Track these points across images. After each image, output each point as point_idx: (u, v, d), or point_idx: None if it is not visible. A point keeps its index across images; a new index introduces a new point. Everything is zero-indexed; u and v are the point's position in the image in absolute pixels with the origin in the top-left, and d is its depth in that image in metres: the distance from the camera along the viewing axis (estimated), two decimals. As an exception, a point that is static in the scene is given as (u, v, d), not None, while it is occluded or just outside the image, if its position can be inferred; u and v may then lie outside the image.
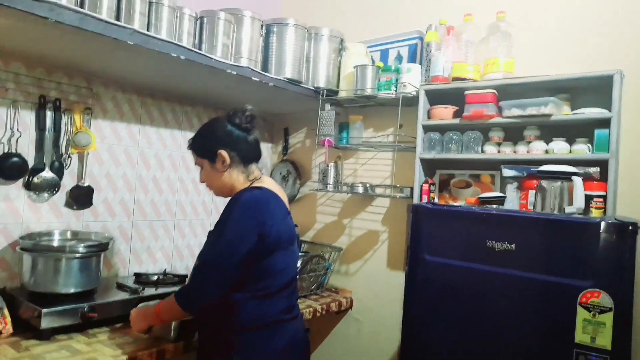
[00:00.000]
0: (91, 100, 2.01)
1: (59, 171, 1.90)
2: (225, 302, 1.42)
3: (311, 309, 2.17)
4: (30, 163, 1.83)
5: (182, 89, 2.24)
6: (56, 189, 1.88)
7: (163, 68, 1.85)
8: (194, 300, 1.43)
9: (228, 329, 1.43)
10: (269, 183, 1.55)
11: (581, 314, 1.36)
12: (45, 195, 1.87)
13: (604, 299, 1.34)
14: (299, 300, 2.24)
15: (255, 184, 1.52)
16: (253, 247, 1.39)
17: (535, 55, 2.07)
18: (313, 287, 2.40)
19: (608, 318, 1.33)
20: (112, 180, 2.11)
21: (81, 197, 1.98)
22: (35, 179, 1.83)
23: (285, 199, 1.58)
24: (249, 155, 1.55)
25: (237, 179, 1.53)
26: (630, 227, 1.34)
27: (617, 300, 1.32)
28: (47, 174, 1.86)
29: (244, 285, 1.42)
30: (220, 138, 1.52)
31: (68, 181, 1.95)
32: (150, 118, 2.26)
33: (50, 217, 1.91)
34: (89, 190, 2.00)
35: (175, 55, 1.67)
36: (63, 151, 1.92)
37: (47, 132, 1.86)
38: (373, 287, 2.46)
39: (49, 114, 1.86)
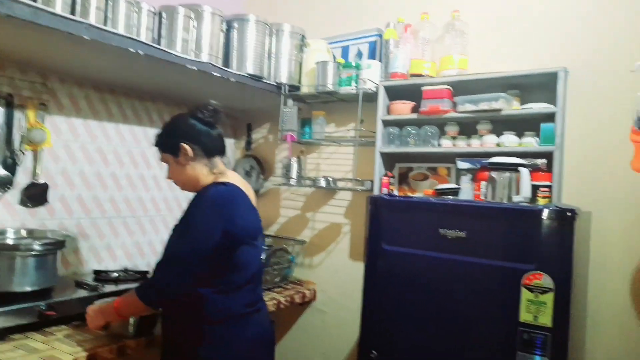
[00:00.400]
0: (46, 96, 1.97)
1: (12, 168, 1.85)
2: (191, 297, 1.43)
3: (275, 301, 2.20)
4: (-19, 160, 1.78)
5: (142, 84, 2.21)
6: (9, 186, 1.84)
7: (121, 63, 1.83)
8: (157, 294, 1.43)
9: (194, 322, 1.44)
10: (234, 178, 1.56)
11: (525, 294, 1.45)
12: (-2, 192, 1.82)
13: (545, 280, 1.43)
14: (263, 293, 2.27)
15: (221, 179, 1.52)
16: (218, 243, 1.40)
17: (488, 52, 2.16)
18: (277, 279, 2.43)
19: (549, 298, 1.42)
20: (68, 177, 2.07)
21: (36, 195, 1.94)
22: (-13, 176, 1.78)
23: (251, 193, 1.60)
24: (212, 149, 1.56)
25: (201, 172, 1.54)
26: (569, 213, 1.43)
27: (557, 281, 1.42)
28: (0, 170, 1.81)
29: (209, 280, 1.43)
30: (183, 131, 1.53)
31: (22, 178, 1.91)
32: (109, 114, 2.23)
33: (3, 215, 1.86)
34: (44, 188, 1.96)
35: (133, 50, 1.66)
36: (16, 147, 1.87)
37: (-1, 128, 1.81)
38: (336, 279, 2.51)
39: (1, 110, 1.81)
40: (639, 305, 1.77)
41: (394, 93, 2.28)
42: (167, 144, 1.55)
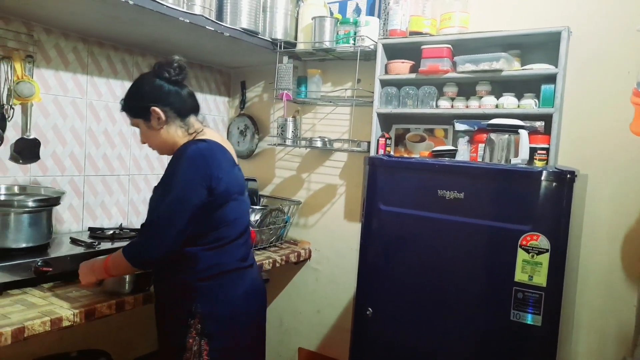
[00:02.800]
0: (32, 48, 1.89)
1: (1, 123, 1.80)
2: (182, 256, 1.43)
3: (270, 260, 2.22)
4: (-32, 114, 1.72)
5: (132, 37, 2.13)
6: (-1, 142, 1.79)
7: (110, 14, 1.75)
8: (143, 256, 1.41)
9: (186, 280, 1.44)
10: (212, 135, 1.52)
11: (521, 255, 1.48)
12: (-13, 148, 1.77)
13: (542, 241, 1.45)
14: (259, 252, 2.30)
15: (198, 137, 1.48)
16: (203, 201, 1.38)
17: (490, 11, 2.10)
18: (272, 239, 2.45)
19: (545, 259, 1.45)
20: (59, 134, 2.02)
21: (27, 151, 1.89)
22: (-25, 131, 1.73)
23: (231, 150, 1.56)
24: (184, 108, 1.50)
25: (176, 134, 1.49)
26: (568, 175, 1.44)
27: (554, 242, 1.44)
28: (-12, 126, 1.76)
29: (198, 238, 1.43)
30: (150, 94, 1.46)
31: (12, 134, 1.86)
32: (99, 68, 2.15)
33: (-6, 171, 1.82)
34: (35, 143, 1.91)
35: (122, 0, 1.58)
36: (4, 102, 1.81)
37: (-16, 81, 1.74)
38: (331, 238, 2.54)
39: (-14, 62, 1.74)
40: (630, 265, 1.82)
41: (393, 51, 2.23)
42: (136, 109, 1.48)
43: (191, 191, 1.36)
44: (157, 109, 1.45)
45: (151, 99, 1.45)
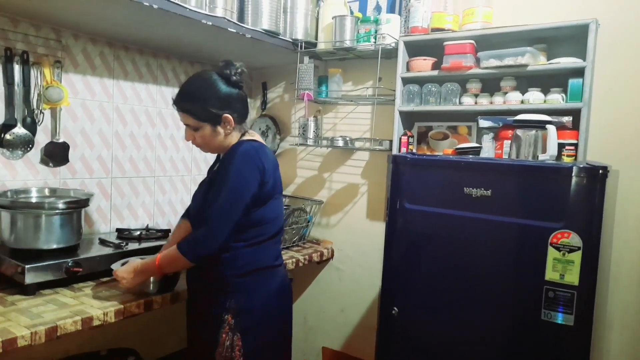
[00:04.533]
0: (61, 53, 1.93)
1: (32, 127, 1.84)
2: (225, 251, 1.45)
3: (294, 260, 2.22)
4: (1, 119, 1.77)
5: (156, 41, 2.16)
6: (30, 146, 1.84)
7: (135, 18, 1.78)
8: (203, 250, 1.41)
9: (224, 275, 1.46)
10: (257, 137, 1.59)
11: (552, 253, 1.44)
12: (19, 152, 1.82)
13: (573, 239, 1.42)
14: (282, 252, 2.31)
15: (247, 137, 1.55)
16: (255, 194, 1.43)
17: (514, 4, 2.07)
18: (295, 239, 2.46)
19: (577, 257, 1.41)
20: (87, 137, 2.06)
21: (56, 154, 1.94)
22: (8, 136, 1.78)
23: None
24: (244, 113, 1.56)
25: (233, 135, 1.54)
26: (600, 171, 1.40)
27: (586, 239, 1.41)
28: (20, 130, 1.80)
29: (239, 233, 1.45)
30: (223, 100, 1.47)
31: (42, 137, 1.90)
32: (124, 72, 2.19)
33: (25, 174, 1.87)
34: (64, 147, 1.96)
35: (147, 4, 1.61)
36: (35, 107, 1.86)
37: (16, 87, 1.79)
38: (353, 238, 2.53)
39: (16, 68, 1.78)
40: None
41: (414, 49, 2.21)
42: (206, 113, 1.46)
43: (245, 184, 1.41)
44: (229, 116, 1.48)
45: (224, 106, 1.47)
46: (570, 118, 1.85)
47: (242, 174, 1.42)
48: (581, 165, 1.43)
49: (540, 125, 1.73)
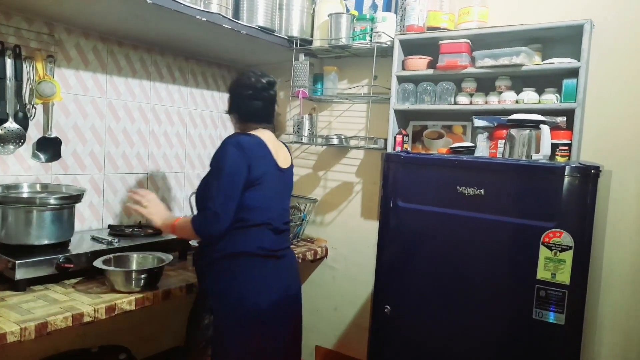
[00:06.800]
0: (53, 48, 1.91)
1: (24, 122, 1.83)
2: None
3: (287, 258, 2.21)
4: (-8, 113, 1.75)
5: (150, 36, 2.15)
6: (22, 141, 1.82)
7: (129, 13, 1.77)
8: (214, 229, 1.50)
9: (209, 257, 1.58)
10: (263, 133, 1.66)
11: (543, 252, 1.45)
12: (11, 147, 1.80)
13: (565, 238, 1.42)
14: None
15: (251, 132, 1.64)
16: (245, 177, 1.52)
17: (509, 4, 2.07)
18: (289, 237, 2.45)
19: (568, 256, 1.42)
20: (80, 132, 2.05)
21: (48, 149, 1.92)
22: (-1, 130, 1.76)
23: (283, 155, 1.70)
24: (248, 115, 1.66)
25: (236, 126, 1.72)
26: (592, 171, 1.40)
27: (577, 239, 1.41)
28: (11, 125, 1.79)
29: None
30: (232, 86, 1.70)
31: (34, 133, 1.89)
32: (118, 67, 2.18)
33: (17, 169, 1.85)
34: (57, 142, 1.94)
35: (141, -2, 1.60)
36: (27, 101, 1.84)
37: (8, 81, 1.77)
38: (347, 236, 2.53)
39: (8, 62, 1.77)
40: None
41: (410, 47, 2.20)
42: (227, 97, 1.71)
43: (237, 166, 1.52)
44: (228, 99, 1.71)
45: (230, 90, 1.70)
46: (564, 118, 1.86)
47: (233, 158, 1.52)
48: (573, 165, 1.43)
49: (534, 125, 1.74)
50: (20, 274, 1.52)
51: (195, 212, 1.71)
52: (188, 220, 1.57)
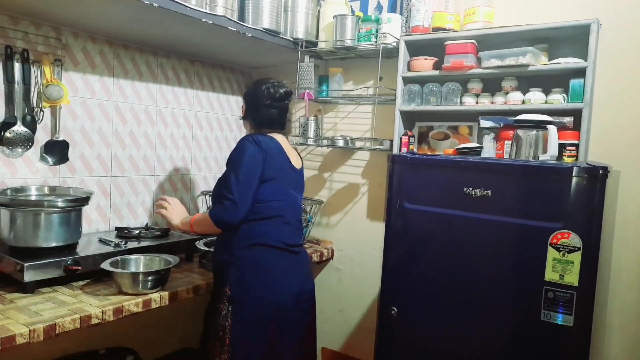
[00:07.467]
0: (61, 52, 1.93)
1: (32, 125, 1.84)
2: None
3: (293, 260, 2.21)
4: (1, 117, 1.77)
5: (156, 39, 2.16)
6: (30, 144, 1.84)
7: (135, 17, 1.78)
8: (231, 217, 1.57)
9: (229, 248, 1.63)
10: (275, 135, 1.73)
11: (551, 254, 1.44)
12: (19, 150, 1.82)
13: (573, 239, 1.41)
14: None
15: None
16: (262, 170, 1.60)
17: (515, 4, 2.06)
18: (295, 239, 2.45)
19: (576, 257, 1.41)
20: (87, 135, 2.06)
21: (56, 152, 1.94)
22: (8, 134, 1.78)
23: (294, 157, 1.78)
24: (261, 121, 1.74)
25: (247, 129, 1.81)
26: (601, 171, 1.39)
27: (586, 240, 1.40)
28: (20, 128, 1.80)
29: None
30: (248, 92, 1.78)
31: (42, 136, 1.90)
32: (124, 70, 2.19)
33: (25, 172, 1.87)
34: (64, 145, 1.96)
35: (147, 2, 1.60)
36: (34, 105, 1.85)
37: (16, 85, 1.79)
38: (353, 238, 2.52)
39: (16, 66, 1.78)
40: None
41: (416, 48, 2.20)
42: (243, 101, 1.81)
43: (254, 159, 1.59)
44: (243, 104, 1.80)
45: (246, 96, 1.78)
46: (572, 118, 1.85)
47: (250, 153, 1.60)
48: (581, 166, 1.42)
49: (541, 125, 1.73)
50: (28, 276, 1.53)
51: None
52: (206, 214, 1.65)
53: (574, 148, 1.79)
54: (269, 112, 1.72)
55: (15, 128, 1.79)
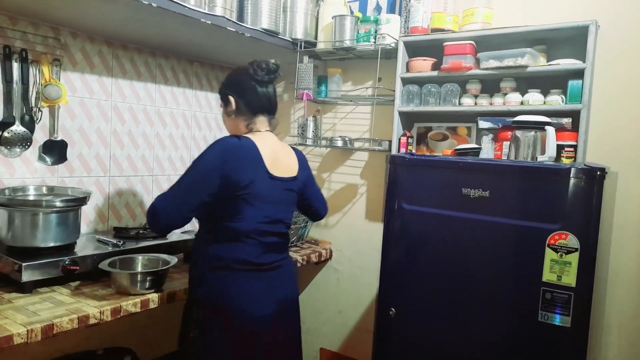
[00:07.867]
0: (59, 51, 1.93)
1: (30, 125, 1.84)
2: (199, 241, 1.55)
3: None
4: (-1, 117, 1.77)
5: (155, 40, 2.16)
6: (28, 144, 1.83)
7: (134, 17, 1.78)
8: (153, 223, 1.47)
9: (199, 266, 1.53)
10: (263, 137, 1.53)
11: (549, 254, 1.44)
12: (17, 150, 1.82)
13: (571, 240, 1.41)
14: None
15: (248, 135, 1.52)
16: (216, 188, 1.42)
17: (514, 6, 2.06)
18: (293, 239, 2.45)
19: (574, 258, 1.41)
20: (85, 135, 2.06)
21: (54, 152, 1.94)
22: (6, 133, 1.78)
23: (285, 164, 1.57)
24: (255, 105, 1.56)
25: (238, 126, 1.58)
26: (598, 173, 1.40)
27: (583, 241, 1.40)
28: (18, 128, 1.80)
29: (210, 225, 1.51)
30: (233, 84, 1.58)
31: (40, 135, 1.90)
32: (123, 70, 2.19)
33: (23, 172, 1.87)
34: (63, 145, 1.96)
35: (146, 2, 1.60)
36: (33, 104, 1.85)
37: (14, 85, 1.79)
38: (352, 238, 2.52)
39: (15, 65, 1.78)
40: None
41: (414, 49, 2.20)
42: (221, 93, 1.61)
43: (206, 175, 1.43)
44: (232, 98, 1.56)
45: (232, 89, 1.57)
46: (570, 119, 1.85)
47: (206, 165, 1.44)
48: (579, 167, 1.43)
49: (540, 126, 1.73)
50: (26, 276, 1.53)
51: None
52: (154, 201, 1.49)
53: (572, 149, 1.79)
54: (265, 90, 1.55)
55: (13, 128, 1.79)
